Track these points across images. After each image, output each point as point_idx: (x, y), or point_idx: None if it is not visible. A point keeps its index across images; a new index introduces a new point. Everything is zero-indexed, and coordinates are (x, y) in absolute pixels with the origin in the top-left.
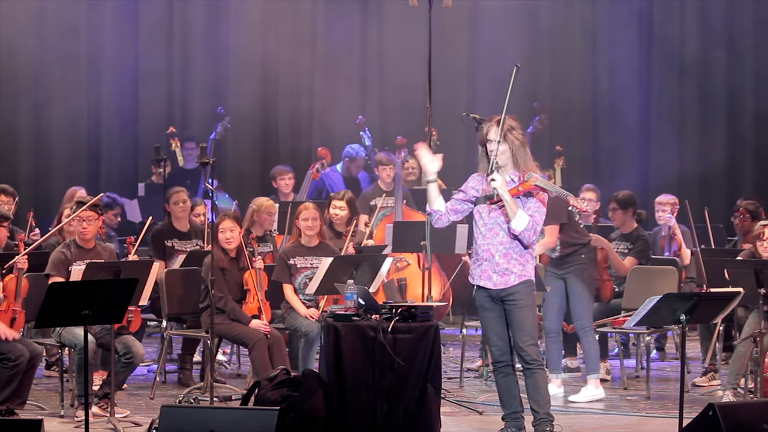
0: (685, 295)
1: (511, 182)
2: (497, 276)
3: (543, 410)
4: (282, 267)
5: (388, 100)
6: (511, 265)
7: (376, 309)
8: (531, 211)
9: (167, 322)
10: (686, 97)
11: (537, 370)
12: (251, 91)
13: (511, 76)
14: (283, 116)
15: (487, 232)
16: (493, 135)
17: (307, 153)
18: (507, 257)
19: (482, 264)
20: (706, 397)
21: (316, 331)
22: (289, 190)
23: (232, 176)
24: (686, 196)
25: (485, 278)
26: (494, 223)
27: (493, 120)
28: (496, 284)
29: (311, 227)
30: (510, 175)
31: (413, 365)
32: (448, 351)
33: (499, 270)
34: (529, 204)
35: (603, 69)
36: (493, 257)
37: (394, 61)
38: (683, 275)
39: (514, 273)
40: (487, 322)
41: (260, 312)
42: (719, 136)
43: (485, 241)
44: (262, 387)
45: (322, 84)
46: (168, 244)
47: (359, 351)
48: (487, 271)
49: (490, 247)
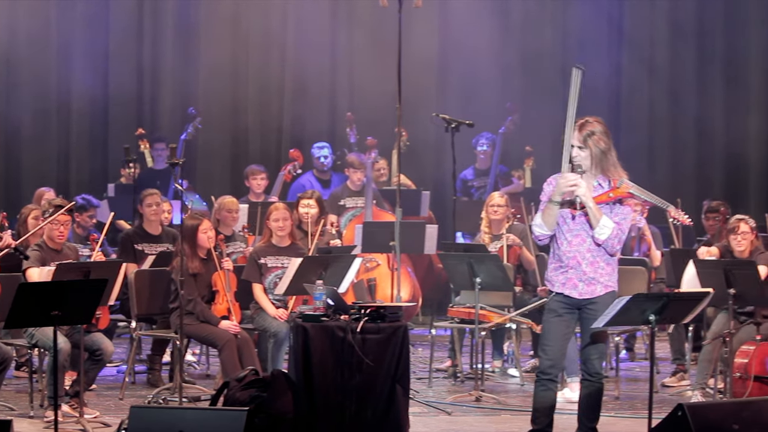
0: (655, 295)
1: (599, 187)
2: (583, 285)
3: (591, 425)
4: (252, 266)
5: (359, 101)
6: (598, 274)
7: (345, 309)
8: (618, 218)
9: (136, 322)
10: (656, 96)
11: (597, 383)
12: (221, 92)
13: (573, 79)
14: (253, 117)
15: (573, 238)
16: (575, 140)
17: (278, 155)
18: (594, 266)
19: (567, 271)
20: (676, 397)
21: (285, 331)
22: (261, 190)
23: (202, 177)
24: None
25: (570, 287)
26: (580, 229)
27: (575, 124)
28: (582, 293)
29: (282, 227)
30: (599, 180)
31: (382, 366)
32: (416, 351)
33: (585, 279)
34: (617, 210)
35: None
36: (580, 265)
37: (364, 61)
38: (653, 276)
39: (600, 283)
40: (553, 329)
41: (229, 313)
42: (688, 136)
43: (571, 247)
44: (231, 387)
45: (292, 85)
46: (138, 247)
47: (328, 351)
48: (572, 279)
49: (577, 254)
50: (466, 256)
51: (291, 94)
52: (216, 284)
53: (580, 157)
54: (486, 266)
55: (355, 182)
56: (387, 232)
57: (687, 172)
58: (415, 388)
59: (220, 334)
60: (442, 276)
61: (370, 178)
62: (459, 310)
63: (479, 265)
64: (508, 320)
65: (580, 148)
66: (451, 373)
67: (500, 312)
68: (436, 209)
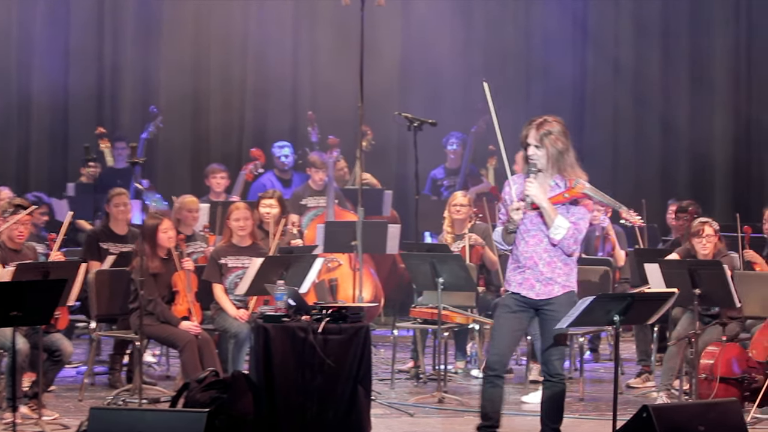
0: (619, 295)
1: (556, 187)
2: (540, 285)
3: (554, 426)
4: (213, 266)
5: (320, 100)
6: (555, 274)
7: (306, 310)
8: (574, 218)
9: (96, 323)
10: (620, 96)
11: (559, 384)
12: (183, 90)
13: (485, 95)
14: (215, 116)
15: (530, 238)
16: (532, 139)
17: (239, 154)
18: (551, 266)
19: (525, 272)
20: (640, 398)
21: (245, 332)
22: (221, 189)
23: (163, 176)
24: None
25: (527, 287)
26: (537, 230)
27: (533, 123)
28: (539, 294)
29: (243, 227)
30: (555, 180)
31: (343, 367)
32: (379, 352)
33: (543, 279)
34: (573, 210)
35: (537, 68)
36: (537, 265)
37: (326, 59)
38: (617, 276)
39: (558, 283)
40: (503, 324)
41: (190, 313)
42: (654, 136)
43: (528, 248)
44: (191, 389)
45: (254, 83)
46: (103, 246)
47: (289, 352)
48: (530, 279)
49: (533, 254)
50: (429, 256)
51: (253, 93)
52: (176, 284)
53: (537, 156)
54: (448, 266)
55: (317, 182)
56: (349, 231)
57: (652, 172)
58: (377, 390)
59: (180, 335)
60: (405, 276)
61: (331, 178)
62: (421, 310)
63: (442, 265)
64: (471, 321)
65: (536, 147)
66: (414, 374)
67: (463, 312)
68: (400, 208)
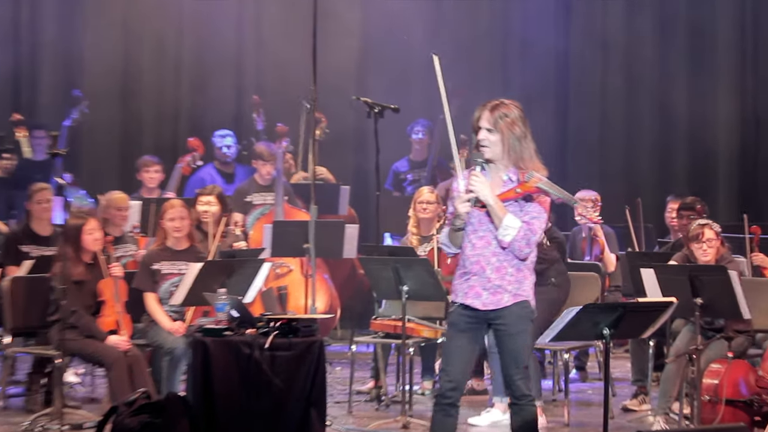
0: (609, 305)
1: (509, 182)
2: (488, 294)
3: None
4: (145, 273)
5: (267, 83)
6: (505, 281)
7: (251, 322)
8: (528, 216)
9: (11, 337)
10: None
11: (526, 406)
12: (111, 72)
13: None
14: (147, 101)
15: (477, 240)
16: (485, 121)
17: (175, 144)
18: (500, 272)
19: (470, 279)
20: (634, 423)
21: (182, 347)
22: (155, 185)
23: (88, 170)
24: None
25: (473, 296)
26: (486, 230)
27: (487, 104)
28: (485, 304)
29: (179, 228)
30: (508, 173)
31: (294, 387)
32: (334, 371)
33: (490, 287)
34: (527, 208)
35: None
36: (484, 271)
37: (274, 36)
38: (607, 283)
39: (507, 291)
40: (453, 345)
41: (118, 326)
42: (647, 120)
43: (475, 251)
44: (120, 413)
45: (192, 63)
46: (23, 249)
47: (232, 371)
48: (475, 287)
49: (481, 258)
50: (392, 260)
51: (190, 74)
52: (103, 293)
53: (489, 141)
54: (414, 272)
55: (264, 176)
56: (300, 232)
57: (645, 162)
58: (333, 414)
59: (107, 352)
60: (364, 283)
61: (280, 171)
62: (383, 322)
63: (406, 271)
64: (439, 334)
65: (489, 131)
66: (375, 395)
67: (431, 325)
68: (358, 206)
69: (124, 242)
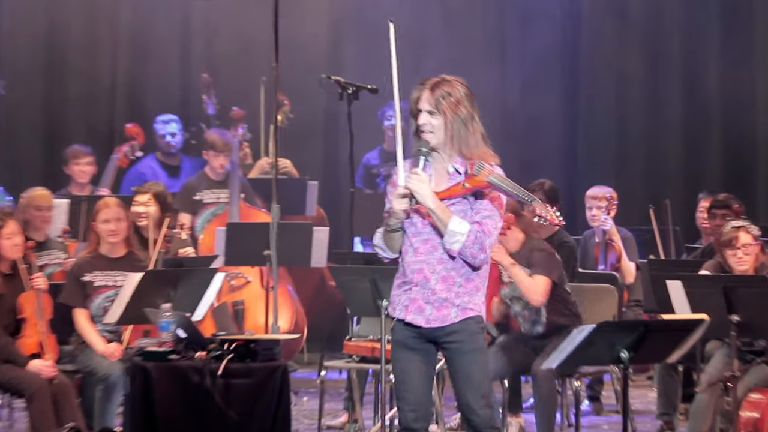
0: (628, 324)
1: (455, 174)
2: (431, 308)
3: None
4: (73, 286)
5: (220, 61)
6: (452, 294)
7: (201, 344)
8: (479, 216)
9: None
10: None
11: None
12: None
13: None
14: (76, 80)
15: (420, 244)
16: (425, 103)
17: (110, 131)
18: (447, 282)
19: (411, 290)
20: None
21: (118, 374)
22: (87, 180)
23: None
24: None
25: (414, 311)
26: (431, 232)
27: (427, 83)
28: (429, 320)
29: (114, 231)
30: (453, 165)
31: (252, 422)
32: (301, 402)
33: (435, 300)
34: (477, 206)
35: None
36: (428, 281)
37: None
38: (625, 297)
39: (455, 305)
40: (404, 368)
41: (42, 349)
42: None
43: (417, 257)
44: None
45: (130, 36)
46: None
47: (177, 401)
48: (417, 300)
49: (425, 266)
50: (368, 270)
51: (128, 49)
52: (24, 309)
53: (431, 125)
54: None
55: (217, 169)
56: (260, 237)
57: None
58: None
59: (28, 379)
60: (336, 297)
61: (236, 164)
62: (359, 344)
63: (386, 283)
64: None
65: (430, 114)
66: (348, 430)
67: None
68: (329, 206)
69: (50, 248)
